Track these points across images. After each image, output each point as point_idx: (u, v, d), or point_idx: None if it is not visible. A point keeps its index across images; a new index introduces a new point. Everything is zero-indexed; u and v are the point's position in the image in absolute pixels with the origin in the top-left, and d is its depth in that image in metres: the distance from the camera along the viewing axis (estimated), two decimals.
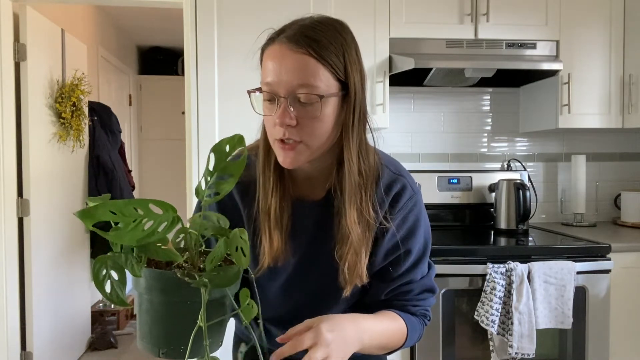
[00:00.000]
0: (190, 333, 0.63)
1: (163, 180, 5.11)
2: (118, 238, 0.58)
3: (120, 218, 0.57)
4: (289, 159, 0.82)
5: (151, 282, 0.64)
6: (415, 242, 0.93)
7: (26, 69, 2.60)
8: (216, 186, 0.67)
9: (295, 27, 0.82)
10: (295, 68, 0.79)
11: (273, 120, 0.81)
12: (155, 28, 4.76)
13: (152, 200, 0.59)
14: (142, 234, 0.58)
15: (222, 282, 0.62)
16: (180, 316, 0.64)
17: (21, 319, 2.63)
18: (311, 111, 0.80)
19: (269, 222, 0.87)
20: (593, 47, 2.38)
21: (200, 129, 2.03)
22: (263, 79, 0.83)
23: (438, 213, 2.53)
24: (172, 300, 0.64)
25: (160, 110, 5.28)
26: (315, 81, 0.79)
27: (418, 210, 0.93)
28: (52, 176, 2.90)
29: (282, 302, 0.96)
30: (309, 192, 0.92)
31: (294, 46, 0.79)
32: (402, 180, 0.92)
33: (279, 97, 0.80)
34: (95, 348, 3.44)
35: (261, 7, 2.02)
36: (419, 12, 2.27)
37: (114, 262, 0.61)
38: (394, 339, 0.90)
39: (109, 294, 0.62)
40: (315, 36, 0.80)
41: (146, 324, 0.66)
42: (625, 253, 2.07)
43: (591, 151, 2.74)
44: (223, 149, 0.67)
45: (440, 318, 1.95)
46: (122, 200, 0.57)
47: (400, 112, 2.63)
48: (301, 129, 0.80)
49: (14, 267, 2.55)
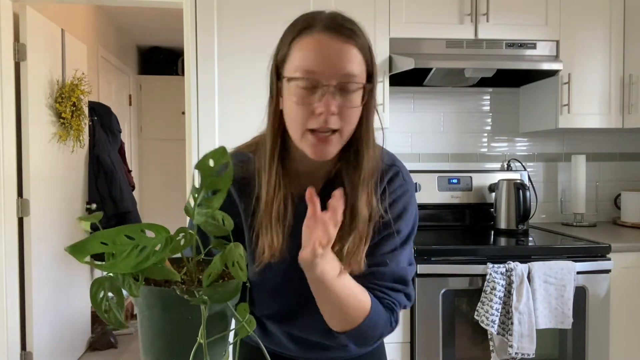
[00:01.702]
0: (191, 348, 0.62)
1: (163, 180, 5.11)
2: (112, 268, 0.57)
3: (112, 248, 0.57)
4: (320, 151, 0.83)
5: (150, 300, 0.64)
6: (402, 225, 0.93)
7: (26, 69, 2.60)
8: (206, 203, 0.66)
9: (327, 17, 0.84)
10: (343, 57, 0.81)
11: (310, 108, 0.81)
12: (155, 28, 4.76)
13: (143, 225, 0.59)
14: (135, 260, 0.57)
15: (222, 297, 0.62)
16: (182, 332, 0.64)
17: (21, 319, 2.63)
18: (352, 100, 0.82)
19: (271, 219, 0.86)
20: (593, 47, 2.38)
21: (200, 129, 2.03)
22: (301, 67, 0.81)
23: (438, 213, 2.52)
24: (172, 317, 0.64)
25: (160, 110, 5.28)
26: (359, 70, 0.82)
27: (409, 197, 0.95)
28: (52, 176, 2.90)
29: (279, 298, 0.95)
30: (308, 183, 0.91)
31: (338, 36, 0.81)
32: (394, 169, 0.94)
33: (324, 86, 0.80)
34: (95, 348, 3.44)
35: (261, 7, 2.02)
36: (419, 12, 2.27)
37: (111, 284, 0.60)
38: (355, 307, 0.85)
39: (108, 316, 0.61)
40: (353, 28, 0.84)
41: (148, 339, 0.66)
42: (625, 253, 2.07)
43: (591, 151, 2.73)
44: (207, 164, 0.66)
45: (440, 318, 1.95)
46: (113, 229, 0.57)
47: (400, 112, 2.63)
48: (341, 117, 0.81)
49: (14, 267, 2.55)
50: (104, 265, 0.57)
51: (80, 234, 3.31)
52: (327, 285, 0.81)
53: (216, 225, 0.65)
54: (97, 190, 3.37)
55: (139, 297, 0.62)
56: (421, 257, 1.95)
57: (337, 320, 0.87)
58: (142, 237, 0.59)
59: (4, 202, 2.47)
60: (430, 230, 2.44)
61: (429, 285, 1.94)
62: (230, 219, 0.68)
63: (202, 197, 0.65)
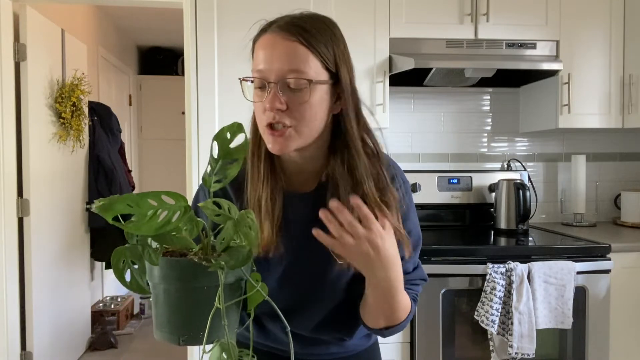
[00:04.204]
0: (208, 318, 0.66)
1: (163, 180, 5.11)
2: (136, 229, 0.61)
3: (137, 210, 0.61)
4: (278, 144, 0.84)
5: (168, 271, 0.67)
6: (411, 226, 0.96)
7: (26, 69, 2.60)
8: (222, 171, 0.71)
9: (286, 18, 0.86)
10: (286, 54, 0.83)
11: (263, 105, 0.84)
12: (155, 28, 4.76)
13: (164, 192, 0.64)
14: (158, 223, 0.62)
15: (236, 263, 0.65)
16: (198, 302, 0.67)
17: (21, 319, 2.63)
18: (300, 96, 0.83)
19: (260, 213, 0.88)
20: (593, 47, 2.38)
21: (200, 129, 2.03)
22: (254, 67, 0.86)
23: (438, 213, 2.53)
24: (189, 286, 0.67)
25: (160, 110, 5.29)
26: (305, 67, 0.83)
27: (409, 199, 0.97)
28: (52, 176, 2.90)
29: (278, 295, 0.96)
30: (300, 184, 0.94)
31: (285, 34, 0.83)
32: (391, 171, 0.94)
33: (269, 83, 0.83)
34: (95, 348, 3.45)
35: (261, 7, 2.02)
36: (419, 12, 2.27)
37: (132, 252, 0.65)
38: (402, 309, 0.89)
39: (129, 282, 0.65)
40: (305, 26, 0.84)
41: (164, 314, 0.68)
42: (625, 253, 2.07)
43: (591, 151, 2.74)
44: (225, 136, 0.71)
45: (440, 318, 1.95)
46: (138, 194, 0.62)
47: (400, 112, 2.63)
48: (291, 113, 0.83)
49: (14, 267, 2.55)
50: (129, 225, 0.61)
51: (80, 233, 3.32)
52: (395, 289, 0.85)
53: (223, 214, 0.68)
54: (97, 190, 3.38)
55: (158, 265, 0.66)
56: (421, 257, 1.92)
57: (385, 318, 0.90)
58: (164, 203, 0.63)
59: (4, 202, 2.47)
60: (430, 230, 2.44)
61: (429, 285, 1.92)
62: (236, 208, 0.70)
63: (219, 166, 0.70)
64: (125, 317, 3.95)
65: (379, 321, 0.90)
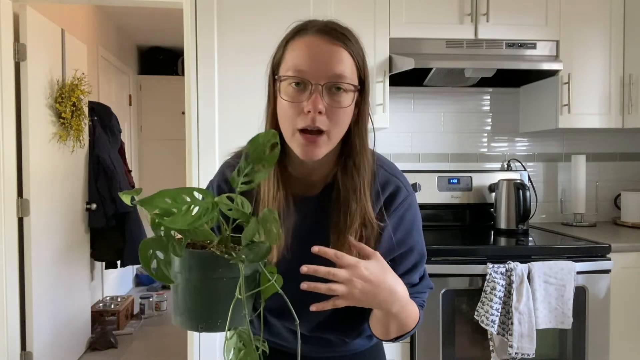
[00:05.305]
0: (225, 307, 0.70)
1: (163, 180, 5.10)
2: (173, 223, 0.65)
3: (174, 205, 0.65)
4: (310, 151, 0.84)
5: (190, 261, 0.71)
6: (415, 240, 0.95)
7: (26, 69, 2.60)
8: (250, 175, 0.73)
9: (321, 23, 0.86)
10: (332, 58, 0.83)
11: (300, 107, 0.82)
12: (155, 28, 4.76)
13: (195, 189, 0.68)
14: (192, 218, 0.66)
15: (256, 257, 0.70)
16: (217, 292, 0.71)
17: (21, 319, 2.63)
18: (341, 101, 0.83)
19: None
20: (593, 47, 2.38)
21: (200, 129, 2.03)
22: (293, 66, 0.84)
23: (438, 213, 2.53)
24: (210, 277, 0.71)
25: (160, 110, 5.29)
26: (350, 72, 0.84)
27: (414, 211, 0.96)
28: (52, 176, 2.90)
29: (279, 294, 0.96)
30: (307, 188, 0.94)
31: (328, 38, 0.83)
32: (396, 181, 0.94)
33: (312, 84, 0.82)
34: (95, 348, 3.44)
35: (261, 7, 2.02)
36: (419, 12, 2.27)
37: (158, 244, 0.68)
38: (411, 318, 0.90)
39: (155, 272, 0.69)
40: (344, 32, 0.85)
41: (183, 302, 0.72)
42: (625, 253, 2.07)
43: (591, 151, 2.74)
44: (259, 141, 0.74)
45: (440, 318, 1.95)
46: (174, 189, 0.66)
47: (400, 112, 2.63)
48: (329, 118, 0.82)
49: (14, 267, 2.55)
50: (167, 220, 0.65)
51: (80, 233, 3.31)
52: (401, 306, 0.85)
53: (237, 208, 0.71)
54: (97, 190, 3.38)
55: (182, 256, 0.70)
56: None
57: (395, 330, 0.91)
58: (195, 199, 0.67)
59: (4, 202, 2.47)
60: (430, 230, 2.44)
61: None
62: (249, 204, 0.72)
63: (249, 169, 0.73)
64: (125, 317, 3.95)
65: (390, 333, 0.91)
